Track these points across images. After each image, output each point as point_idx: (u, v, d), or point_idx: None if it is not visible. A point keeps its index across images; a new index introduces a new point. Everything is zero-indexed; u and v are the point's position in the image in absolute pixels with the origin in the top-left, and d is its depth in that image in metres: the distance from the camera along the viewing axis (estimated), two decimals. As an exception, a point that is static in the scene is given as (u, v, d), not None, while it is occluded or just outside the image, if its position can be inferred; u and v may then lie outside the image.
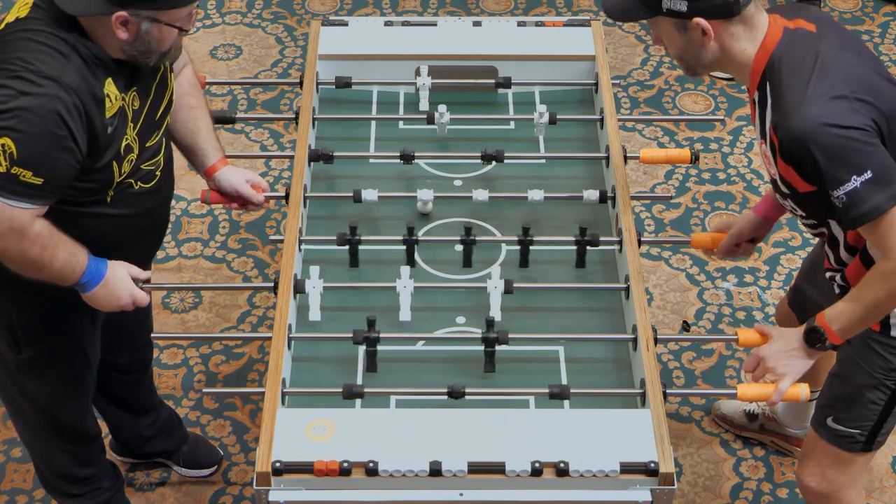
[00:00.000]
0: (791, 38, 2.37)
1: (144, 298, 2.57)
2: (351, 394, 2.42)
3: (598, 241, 2.73)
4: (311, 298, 2.60)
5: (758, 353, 2.50)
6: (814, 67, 2.32)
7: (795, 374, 2.47)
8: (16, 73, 2.25)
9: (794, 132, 2.27)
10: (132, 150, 2.45)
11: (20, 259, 2.37)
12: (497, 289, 2.60)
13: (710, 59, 2.41)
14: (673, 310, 3.78)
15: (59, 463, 2.96)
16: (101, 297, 2.50)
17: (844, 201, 2.28)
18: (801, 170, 2.32)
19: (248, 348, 3.67)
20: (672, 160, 3.05)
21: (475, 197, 2.83)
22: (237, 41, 4.79)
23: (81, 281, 2.46)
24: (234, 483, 3.34)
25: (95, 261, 2.47)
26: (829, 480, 2.72)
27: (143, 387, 3.18)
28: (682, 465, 3.38)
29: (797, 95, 2.29)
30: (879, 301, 2.37)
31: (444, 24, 3.30)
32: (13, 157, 2.24)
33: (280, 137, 4.36)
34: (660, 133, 4.39)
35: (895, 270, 2.32)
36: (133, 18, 2.29)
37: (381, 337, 2.60)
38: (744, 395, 2.47)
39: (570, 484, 2.27)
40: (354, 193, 2.81)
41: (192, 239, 4.00)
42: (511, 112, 3.19)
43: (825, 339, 2.44)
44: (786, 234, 4.02)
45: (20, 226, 2.32)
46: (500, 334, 2.51)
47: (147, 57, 2.37)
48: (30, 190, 2.29)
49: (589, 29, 3.27)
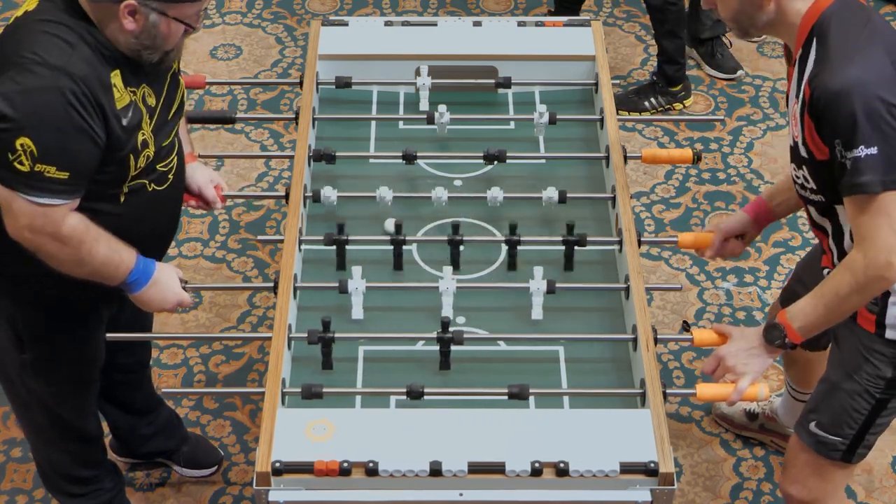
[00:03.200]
0: (845, 1, 2.36)
1: (189, 300, 2.59)
2: (310, 394, 2.42)
3: (585, 240, 2.72)
4: (354, 298, 2.61)
5: (717, 352, 2.50)
6: (864, 29, 2.31)
7: (755, 372, 2.46)
8: (24, 66, 2.25)
9: (833, 86, 2.25)
10: (148, 146, 2.45)
11: (58, 256, 2.38)
12: (539, 290, 2.60)
13: (766, 20, 2.39)
14: (673, 310, 3.78)
15: (61, 462, 2.96)
16: (149, 297, 2.51)
17: (851, 165, 2.26)
18: (820, 126, 2.30)
19: (248, 348, 3.67)
20: (674, 160, 3.05)
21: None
22: (237, 41, 4.79)
23: (129, 280, 2.46)
24: (234, 483, 3.34)
25: (144, 260, 2.48)
26: (809, 489, 2.70)
27: (142, 387, 3.18)
28: (682, 465, 3.38)
29: (844, 52, 2.28)
30: (840, 296, 2.35)
31: (444, 24, 3.30)
32: (34, 154, 2.25)
33: (280, 137, 4.36)
34: (660, 133, 4.39)
35: (861, 263, 2.30)
36: (142, 8, 2.29)
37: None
38: (702, 395, 2.47)
39: (570, 484, 2.27)
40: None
41: (192, 239, 4.00)
42: (511, 112, 3.19)
43: (784, 336, 2.43)
44: (786, 234, 4.02)
45: (53, 223, 2.32)
46: (455, 335, 2.51)
47: (151, 53, 2.37)
48: (57, 185, 2.29)
49: (589, 29, 3.27)
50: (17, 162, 2.26)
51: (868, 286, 2.34)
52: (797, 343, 2.44)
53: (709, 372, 2.51)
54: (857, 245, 2.32)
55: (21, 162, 2.26)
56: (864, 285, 2.33)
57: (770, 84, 4.61)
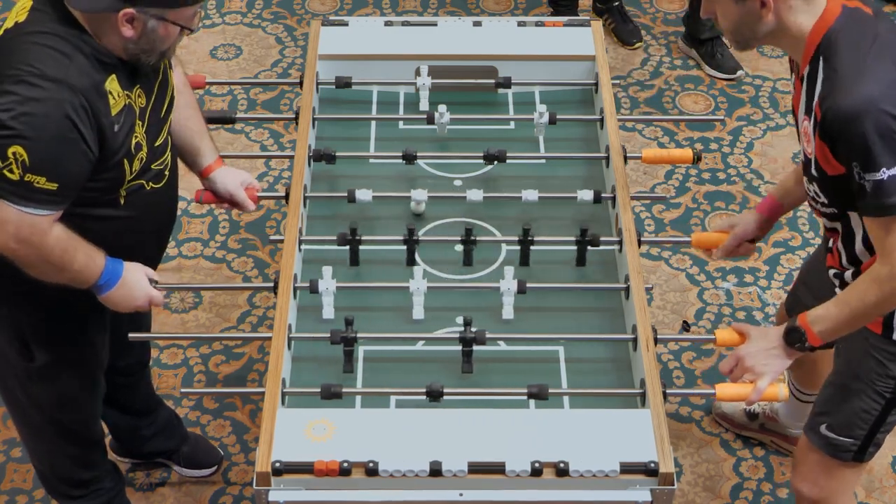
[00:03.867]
0: (850, 16, 2.33)
1: (160, 298, 2.57)
2: (329, 394, 2.42)
3: (598, 241, 2.73)
4: (325, 298, 2.61)
5: (736, 352, 2.49)
6: (871, 47, 2.28)
7: (774, 373, 2.46)
8: (20, 78, 2.24)
9: (844, 108, 2.23)
10: (142, 148, 2.44)
11: (40, 264, 2.37)
12: (510, 290, 2.60)
13: (766, 31, 2.36)
14: (673, 310, 3.78)
15: (62, 466, 2.96)
16: (118, 298, 2.50)
17: (872, 187, 2.24)
18: (835, 148, 2.29)
19: (248, 348, 3.67)
20: (674, 160, 3.05)
21: (469, 197, 2.82)
22: (237, 41, 4.79)
23: (99, 283, 2.46)
24: (234, 483, 3.34)
25: (112, 262, 2.47)
26: (820, 486, 2.71)
27: (141, 388, 3.18)
28: (682, 465, 3.38)
29: (852, 73, 2.25)
30: (867, 306, 2.36)
31: (444, 24, 3.30)
32: (25, 164, 2.24)
33: (280, 137, 4.36)
34: (660, 133, 4.39)
35: (889, 276, 2.31)
36: (140, 16, 2.28)
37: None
38: (722, 395, 2.47)
39: (570, 484, 2.27)
40: (349, 193, 2.82)
41: (192, 239, 4.00)
42: (511, 112, 3.19)
43: (805, 340, 2.43)
44: (786, 234, 4.02)
45: (39, 232, 2.31)
46: (478, 334, 2.50)
47: (149, 56, 2.36)
48: (45, 196, 2.29)
49: (589, 29, 3.27)
50: (7, 170, 2.24)
51: (893, 298, 2.34)
52: (816, 346, 2.45)
53: (726, 371, 2.50)
54: (884, 258, 2.32)
55: (11, 170, 2.24)
56: (889, 297, 2.34)
57: (770, 84, 4.61)
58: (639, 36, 4.76)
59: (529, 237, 2.73)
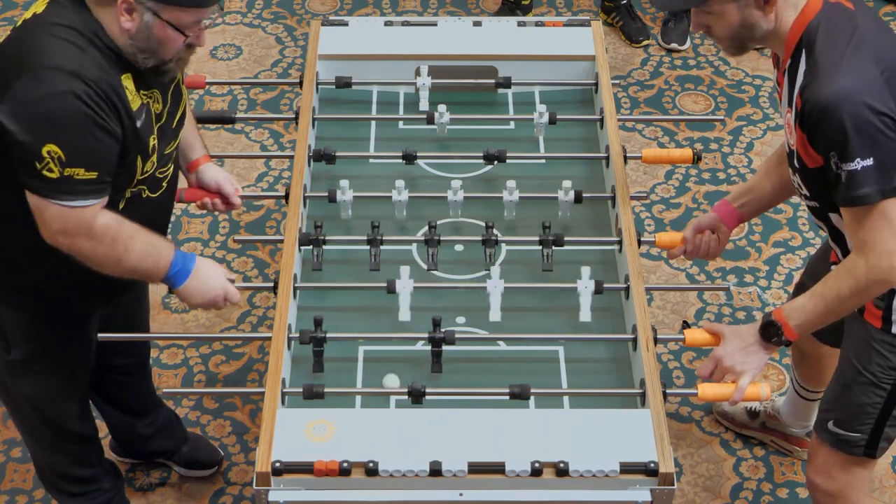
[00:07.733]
0: (830, 11, 2.36)
1: (236, 294, 2.57)
2: (311, 394, 2.41)
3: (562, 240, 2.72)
4: (402, 299, 2.59)
5: (713, 354, 2.50)
6: (850, 39, 2.31)
7: (754, 370, 2.47)
8: (37, 75, 2.25)
9: (822, 98, 2.26)
10: (156, 151, 2.46)
11: (94, 256, 2.38)
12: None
13: (766, 28, 2.38)
14: (673, 310, 3.78)
15: (57, 463, 2.96)
16: (193, 290, 2.51)
17: (846, 177, 2.27)
18: (813, 137, 2.31)
19: (248, 348, 3.67)
20: (674, 160, 3.05)
21: (451, 199, 2.81)
22: (237, 41, 4.79)
23: (169, 273, 2.47)
24: (234, 483, 3.34)
25: (182, 254, 2.49)
26: (835, 479, 2.72)
27: (141, 388, 3.18)
28: (682, 465, 3.38)
29: (831, 64, 2.28)
30: (841, 298, 2.37)
31: (444, 24, 3.30)
32: (62, 160, 2.26)
33: (280, 137, 4.36)
34: (660, 133, 4.39)
35: (863, 268, 2.32)
36: (137, 6, 2.30)
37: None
38: (704, 395, 2.47)
39: (570, 484, 2.27)
40: (329, 193, 2.81)
41: (192, 239, 4.00)
42: (511, 112, 3.19)
43: (781, 334, 2.44)
44: (786, 234, 4.02)
45: (86, 224, 2.33)
46: (447, 335, 2.50)
47: (146, 57, 2.36)
48: (86, 186, 2.30)
49: (589, 29, 3.27)
50: (46, 170, 2.26)
51: (869, 289, 2.36)
52: (793, 340, 2.45)
53: (706, 375, 2.50)
54: (858, 250, 2.34)
55: (50, 169, 2.26)
56: (865, 288, 2.35)
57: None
58: (646, 34, 4.78)
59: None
